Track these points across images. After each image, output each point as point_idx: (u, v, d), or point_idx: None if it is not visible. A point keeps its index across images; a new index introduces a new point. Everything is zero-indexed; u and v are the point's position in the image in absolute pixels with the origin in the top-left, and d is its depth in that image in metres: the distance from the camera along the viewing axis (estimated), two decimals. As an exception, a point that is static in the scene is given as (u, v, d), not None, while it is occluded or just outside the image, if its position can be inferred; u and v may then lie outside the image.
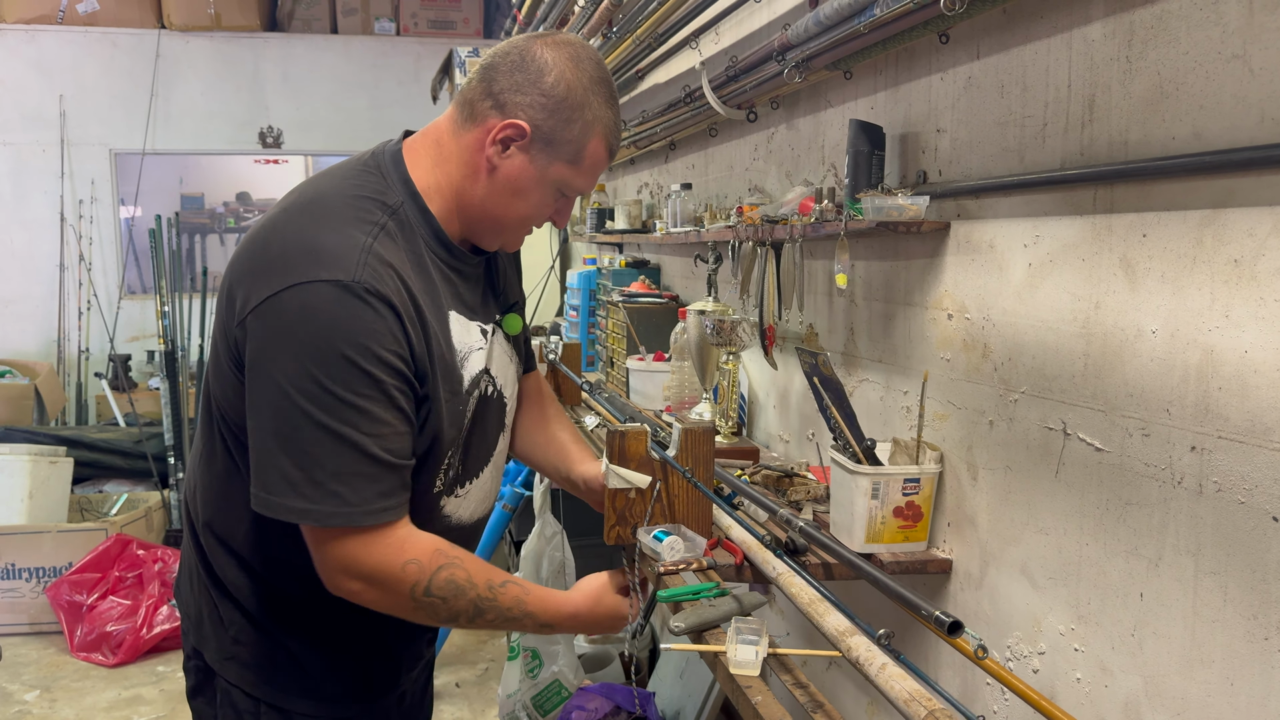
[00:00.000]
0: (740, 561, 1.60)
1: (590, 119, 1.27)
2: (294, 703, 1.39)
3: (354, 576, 1.22)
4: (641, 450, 1.68)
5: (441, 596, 1.24)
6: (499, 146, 1.26)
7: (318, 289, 1.15)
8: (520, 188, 1.29)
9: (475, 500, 1.48)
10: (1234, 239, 1.12)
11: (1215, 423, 1.15)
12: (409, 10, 6.39)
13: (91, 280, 6.06)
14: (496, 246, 1.39)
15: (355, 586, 1.22)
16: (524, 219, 1.34)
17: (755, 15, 2.44)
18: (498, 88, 1.26)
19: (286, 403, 1.15)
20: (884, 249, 1.89)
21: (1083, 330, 1.36)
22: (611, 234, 3.74)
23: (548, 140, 1.26)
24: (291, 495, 1.17)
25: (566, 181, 1.30)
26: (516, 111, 1.25)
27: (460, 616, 1.27)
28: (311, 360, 1.14)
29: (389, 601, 1.25)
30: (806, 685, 1.26)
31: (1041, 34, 1.43)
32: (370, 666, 1.46)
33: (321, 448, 1.15)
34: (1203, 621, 1.18)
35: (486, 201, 1.30)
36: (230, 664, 1.39)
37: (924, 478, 1.66)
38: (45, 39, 5.96)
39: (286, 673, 1.39)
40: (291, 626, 1.38)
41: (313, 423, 1.15)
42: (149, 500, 4.63)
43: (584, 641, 3.32)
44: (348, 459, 1.16)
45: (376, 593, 1.23)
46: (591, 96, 1.27)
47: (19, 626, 4.09)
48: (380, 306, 1.17)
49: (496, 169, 1.28)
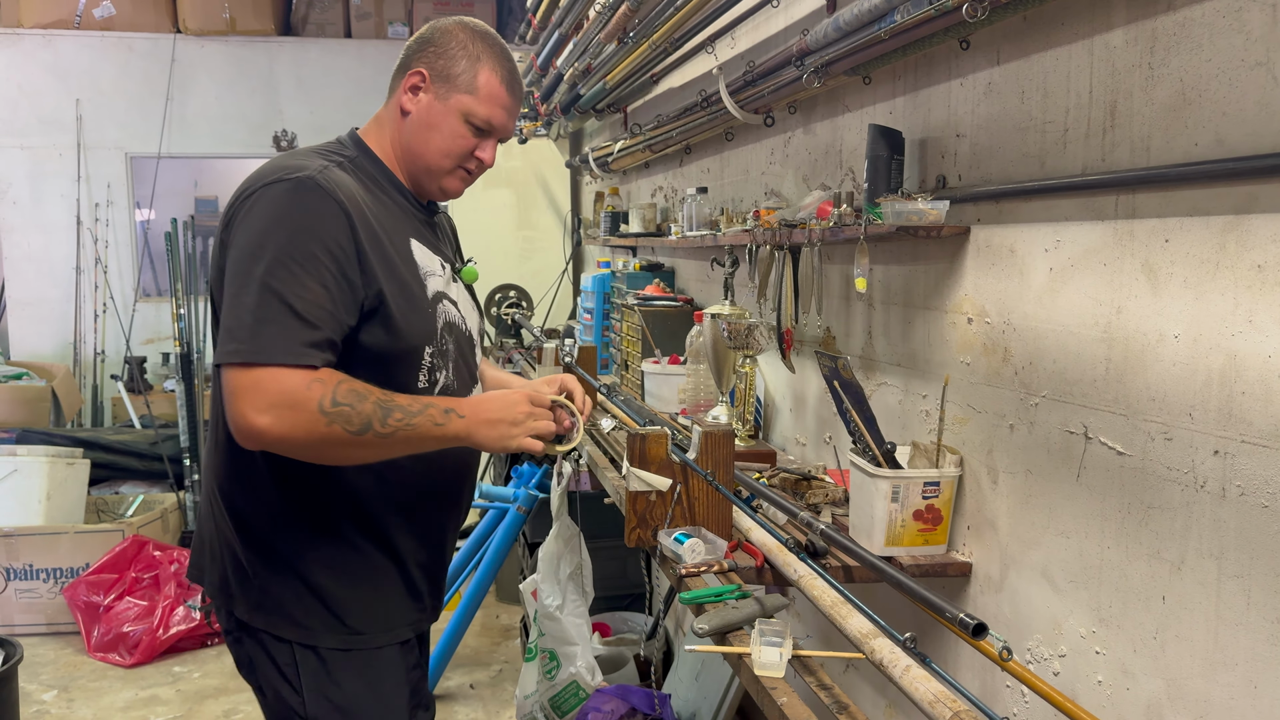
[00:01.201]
0: (761, 564, 1.61)
1: (475, 53, 1.54)
2: (321, 638, 1.50)
3: (263, 409, 1.31)
4: (662, 453, 1.70)
5: (347, 403, 1.34)
6: (409, 94, 1.56)
7: (278, 186, 1.41)
8: (431, 122, 1.54)
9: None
10: (1257, 244, 1.12)
11: (1238, 427, 1.15)
12: (422, 14, 6.41)
13: (107, 283, 6.10)
14: (436, 189, 1.60)
15: (265, 420, 1.31)
16: (443, 151, 1.55)
17: (772, 20, 2.45)
18: (404, 58, 1.59)
19: (238, 269, 1.37)
20: (903, 253, 1.90)
21: (1104, 335, 1.37)
22: (626, 237, 3.75)
23: (444, 77, 1.54)
24: (228, 342, 1.33)
25: (469, 110, 1.54)
26: (417, 64, 1.56)
27: (371, 421, 1.35)
28: (263, 234, 1.37)
29: (300, 422, 1.32)
30: (830, 687, 1.27)
31: (1062, 40, 1.44)
32: (390, 599, 1.56)
33: (255, 299, 1.34)
34: (1226, 625, 1.19)
35: (410, 142, 1.56)
36: (258, 613, 1.51)
37: (944, 481, 1.67)
38: (62, 44, 6.01)
39: (308, 609, 1.50)
40: (309, 562, 1.50)
41: (254, 281, 1.34)
42: (165, 502, 4.66)
43: (599, 644, 3.33)
44: (273, 309, 1.33)
45: (286, 417, 1.31)
46: (475, 40, 1.55)
47: (37, 626, 4.12)
48: (328, 201, 1.40)
49: (410, 113, 1.56)
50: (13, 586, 4.10)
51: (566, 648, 2.76)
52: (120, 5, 6.03)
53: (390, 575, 1.56)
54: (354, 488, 1.49)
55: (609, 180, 4.47)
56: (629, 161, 3.78)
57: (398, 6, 6.42)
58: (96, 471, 4.68)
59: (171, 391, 5.44)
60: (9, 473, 4.20)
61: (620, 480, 2.02)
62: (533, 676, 2.81)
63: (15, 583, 4.10)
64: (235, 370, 1.32)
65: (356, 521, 1.51)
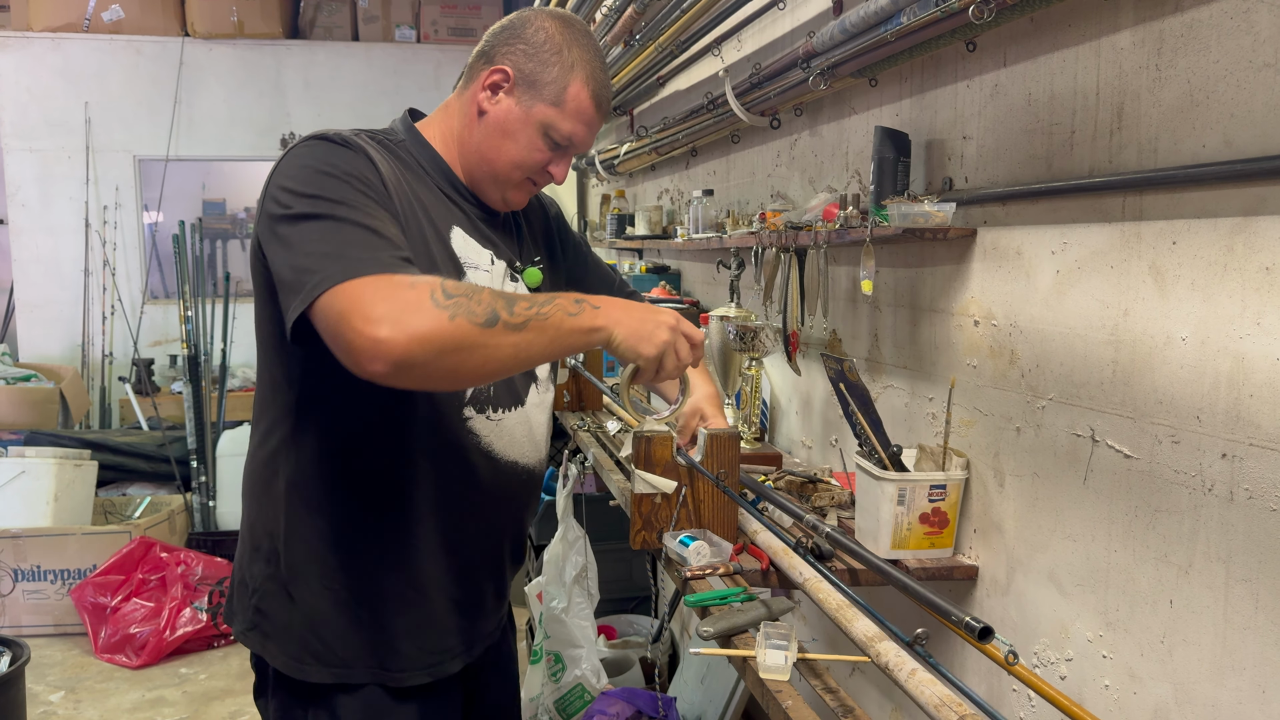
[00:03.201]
0: (766, 567, 1.61)
1: (570, 62, 1.40)
2: (309, 670, 1.38)
3: (377, 319, 1.12)
4: (667, 455, 1.69)
5: (461, 293, 1.17)
6: (488, 92, 1.41)
7: (304, 143, 1.31)
8: (508, 129, 1.41)
9: (510, 436, 1.48)
10: (1266, 246, 1.12)
11: (1247, 430, 1.15)
12: (429, 18, 6.43)
13: (115, 285, 6.12)
14: (498, 198, 1.48)
15: (383, 330, 1.11)
16: (515, 163, 1.43)
17: (778, 23, 2.45)
18: (487, 46, 1.44)
19: (287, 225, 1.23)
20: (909, 255, 1.90)
21: (1111, 337, 1.36)
22: (632, 239, 3.75)
23: (530, 82, 1.40)
24: (307, 278, 1.17)
25: (551, 123, 1.41)
26: (502, 60, 1.41)
27: (496, 309, 1.17)
28: (303, 180, 1.25)
29: (422, 323, 1.13)
30: (836, 690, 1.26)
31: (1069, 42, 1.43)
32: (395, 632, 1.41)
33: (320, 232, 1.20)
34: (1234, 629, 1.18)
35: (481, 145, 1.43)
36: (252, 634, 1.42)
37: (950, 484, 1.66)
38: (71, 47, 6.04)
39: (303, 635, 1.39)
40: (311, 584, 1.38)
41: (310, 222, 1.21)
42: (172, 503, 4.67)
43: (604, 647, 3.33)
44: (346, 232, 1.20)
45: (405, 322, 1.12)
46: (572, 45, 1.41)
47: (44, 628, 4.13)
48: (359, 154, 1.30)
49: (487, 113, 1.42)
50: (20, 588, 4.12)
51: (572, 650, 2.76)
52: (129, 8, 6.06)
53: (391, 604, 1.43)
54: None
55: (615, 183, 4.48)
56: (635, 164, 3.79)
57: (405, 10, 6.44)
58: (104, 473, 4.70)
59: (179, 393, 5.46)
60: (17, 474, 4.22)
61: (625, 482, 2.02)
62: (538, 679, 2.81)
63: (23, 584, 4.12)
64: (329, 296, 1.14)
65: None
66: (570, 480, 2.81)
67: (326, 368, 1.24)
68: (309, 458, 1.38)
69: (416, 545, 1.41)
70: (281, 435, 1.40)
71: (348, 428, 1.38)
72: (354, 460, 1.39)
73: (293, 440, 1.39)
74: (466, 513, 1.45)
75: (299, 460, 1.38)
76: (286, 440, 1.39)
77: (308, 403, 1.37)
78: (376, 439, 1.38)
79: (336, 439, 1.38)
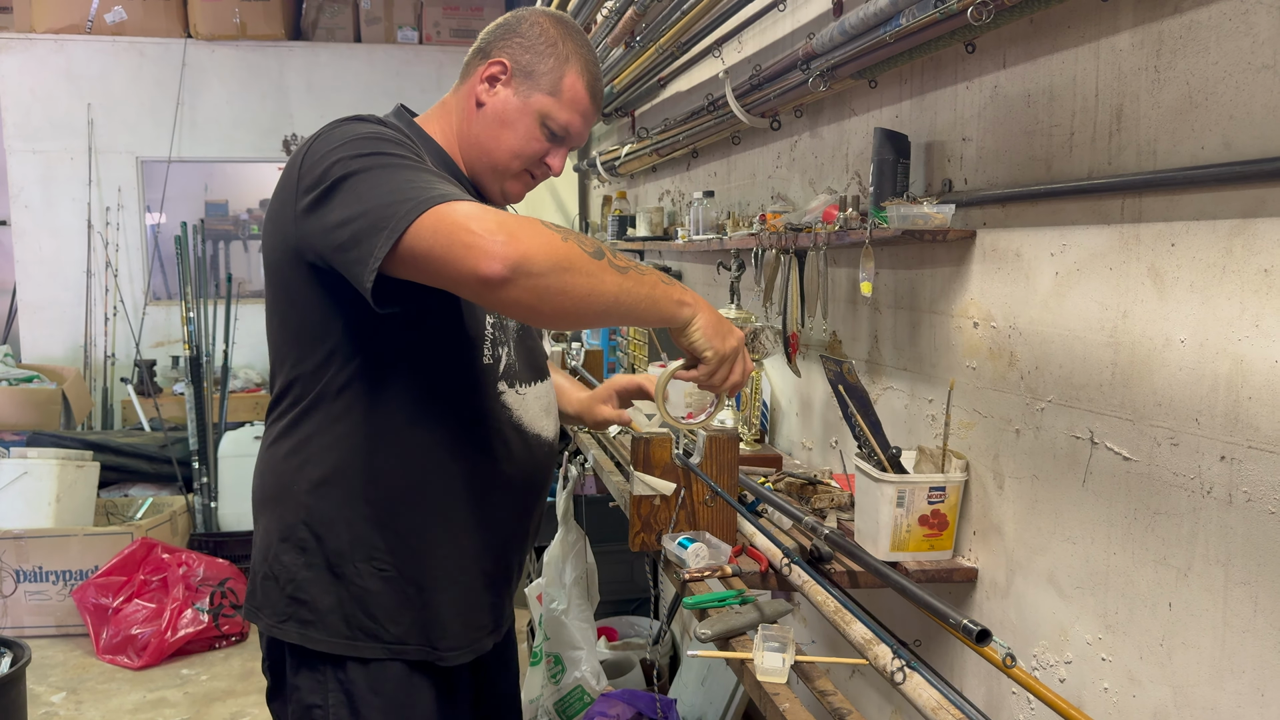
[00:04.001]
0: (765, 569, 1.61)
1: (564, 53, 1.44)
2: (362, 648, 1.37)
3: (491, 231, 1.10)
4: (666, 457, 1.69)
5: (567, 229, 1.18)
6: (486, 84, 1.44)
7: (346, 120, 1.31)
8: (506, 118, 1.44)
9: (535, 409, 1.51)
10: (1264, 248, 1.12)
11: (1245, 432, 1.14)
12: (431, 19, 6.44)
13: (118, 286, 6.13)
14: (497, 190, 1.50)
15: (498, 241, 1.10)
16: (514, 152, 1.45)
17: (779, 24, 2.45)
18: (484, 43, 1.47)
19: (349, 181, 1.19)
20: (909, 257, 1.89)
21: (1110, 339, 1.36)
22: (633, 241, 3.75)
23: (527, 73, 1.43)
24: (398, 210, 1.13)
25: (548, 112, 1.44)
26: (499, 53, 1.44)
27: (602, 249, 1.19)
28: (350, 147, 1.22)
29: (539, 236, 1.12)
30: (833, 693, 1.26)
31: (1069, 44, 1.43)
32: (441, 609, 1.42)
33: (392, 178, 1.18)
34: (1233, 632, 1.18)
35: (480, 136, 1.45)
36: (290, 624, 1.39)
37: (949, 486, 1.66)
38: (74, 48, 6.05)
39: (349, 614, 1.37)
40: (359, 565, 1.38)
41: (378, 171, 1.18)
42: (174, 504, 4.68)
43: (604, 648, 3.33)
44: (423, 176, 1.19)
45: (522, 234, 1.11)
46: (566, 39, 1.45)
47: (46, 628, 4.14)
48: (396, 133, 1.31)
49: (485, 105, 1.45)
50: (22, 588, 4.13)
51: (572, 652, 2.76)
52: (132, 10, 6.07)
53: (437, 580, 1.44)
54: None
55: (616, 184, 4.48)
56: (636, 165, 3.78)
57: (407, 11, 6.44)
58: (106, 474, 4.71)
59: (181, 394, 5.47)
60: (19, 475, 4.23)
61: (625, 484, 2.02)
62: (538, 681, 2.81)
63: (25, 585, 4.13)
64: (431, 215, 1.11)
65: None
66: (570, 481, 2.81)
67: (373, 344, 1.31)
68: (350, 446, 1.37)
69: (459, 521, 1.42)
70: (315, 424, 1.38)
71: (391, 412, 1.38)
72: (398, 444, 1.38)
73: (330, 429, 1.38)
74: (501, 486, 1.47)
75: (338, 448, 1.37)
76: (321, 429, 1.38)
77: (349, 389, 1.37)
78: (420, 421, 1.39)
79: (379, 424, 1.38)
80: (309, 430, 1.39)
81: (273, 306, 1.40)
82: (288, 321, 1.39)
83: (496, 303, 1.15)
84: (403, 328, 1.33)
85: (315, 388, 1.38)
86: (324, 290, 1.31)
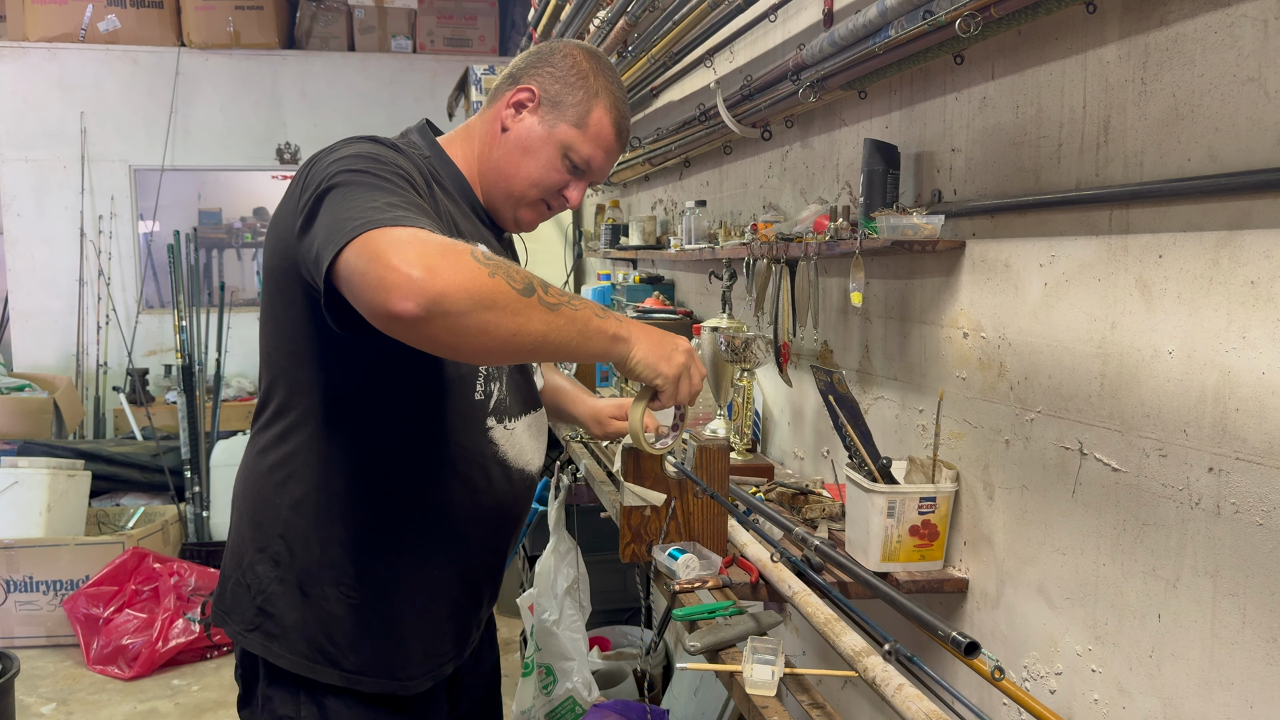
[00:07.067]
0: (756, 579, 1.60)
1: (594, 88, 1.43)
2: (320, 671, 1.36)
3: (413, 260, 1.03)
4: (657, 468, 1.69)
5: (500, 260, 1.11)
6: (512, 110, 1.43)
7: (359, 139, 1.30)
8: (529, 146, 1.42)
9: (523, 440, 1.49)
10: (1250, 260, 1.12)
11: (1233, 444, 1.14)
12: (425, 28, 6.44)
13: (110, 295, 6.11)
14: (510, 217, 1.48)
15: (418, 271, 1.03)
16: (532, 181, 1.44)
17: (770, 35, 2.46)
18: (514, 70, 1.47)
19: (333, 193, 1.18)
20: (899, 267, 1.90)
21: (1099, 350, 1.36)
22: (626, 250, 3.75)
23: (554, 102, 1.42)
24: (347, 226, 1.09)
25: (572, 144, 1.42)
26: (529, 80, 1.44)
27: (533, 284, 1.13)
28: (348, 162, 1.22)
29: (461, 270, 1.06)
30: (823, 705, 1.26)
31: (1056, 55, 1.44)
32: (406, 641, 1.40)
33: (365, 196, 1.15)
34: (1221, 643, 1.18)
35: (501, 162, 1.44)
36: (255, 635, 1.38)
37: (940, 496, 1.66)
38: (67, 57, 6.04)
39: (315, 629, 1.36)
40: (326, 588, 1.37)
41: (358, 188, 1.17)
42: (165, 514, 4.66)
43: (597, 659, 3.32)
44: (393, 197, 1.16)
45: (444, 266, 1.04)
46: (597, 73, 1.44)
47: (36, 639, 4.11)
48: (400, 154, 1.30)
49: (509, 130, 1.43)
50: (12, 598, 4.10)
51: (563, 663, 2.75)
52: (125, 19, 6.07)
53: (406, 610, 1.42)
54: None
55: (609, 193, 4.48)
56: (629, 174, 3.79)
57: (401, 20, 6.45)
58: (98, 483, 4.68)
59: (173, 403, 5.45)
60: (10, 484, 4.21)
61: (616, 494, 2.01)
62: (529, 692, 2.79)
63: (15, 595, 4.10)
64: (366, 237, 1.06)
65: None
66: (562, 491, 2.81)
67: (362, 367, 1.30)
68: (333, 468, 1.36)
69: (432, 553, 1.41)
70: (300, 441, 1.37)
71: (377, 438, 1.37)
72: (381, 471, 1.37)
73: (314, 447, 1.37)
74: (478, 520, 1.45)
75: (321, 468, 1.36)
76: (306, 446, 1.37)
77: (336, 410, 1.36)
78: (406, 449, 1.38)
79: (364, 448, 1.37)
80: (293, 446, 1.38)
81: (267, 310, 1.39)
82: (282, 327, 1.38)
83: (414, 341, 1.08)
84: (391, 357, 1.29)
85: (303, 402, 1.37)
86: (313, 308, 1.30)
